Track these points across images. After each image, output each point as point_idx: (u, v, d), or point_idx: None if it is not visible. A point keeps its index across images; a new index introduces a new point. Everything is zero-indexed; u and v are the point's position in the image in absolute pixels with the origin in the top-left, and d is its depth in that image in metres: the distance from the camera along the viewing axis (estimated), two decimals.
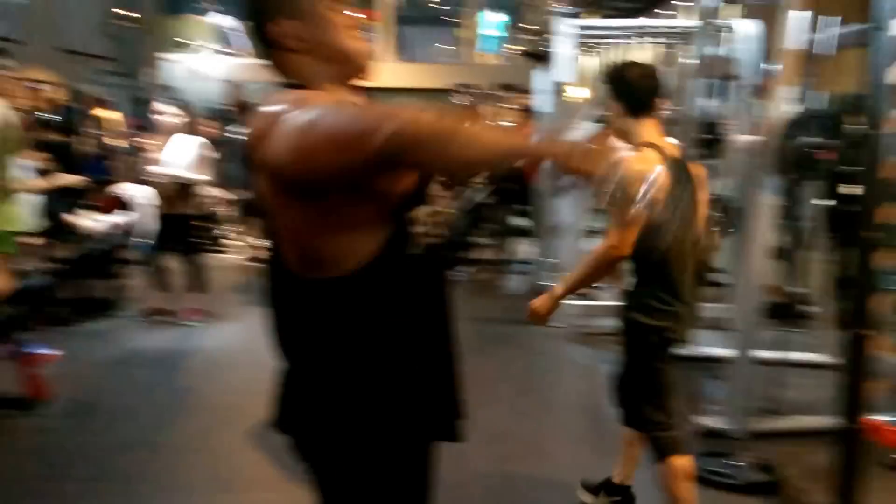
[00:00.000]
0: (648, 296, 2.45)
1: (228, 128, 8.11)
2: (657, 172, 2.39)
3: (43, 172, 5.22)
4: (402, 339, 1.38)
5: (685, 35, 5.41)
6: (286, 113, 1.24)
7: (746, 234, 3.50)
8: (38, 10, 9.60)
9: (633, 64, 2.59)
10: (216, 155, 5.89)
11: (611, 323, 2.74)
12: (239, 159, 5.95)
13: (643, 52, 5.48)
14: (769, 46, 3.47)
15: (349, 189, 1.27)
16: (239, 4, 1.44)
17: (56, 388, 3.93)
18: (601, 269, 2.44)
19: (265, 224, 1.40)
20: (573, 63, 5.52)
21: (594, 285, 5.66)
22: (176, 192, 5.27)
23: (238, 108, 8.31)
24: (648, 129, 2.45)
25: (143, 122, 8.92)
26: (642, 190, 2.35)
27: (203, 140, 5.55)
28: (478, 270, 7.43)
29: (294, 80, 1.38)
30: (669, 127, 4.89)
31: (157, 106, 5.49)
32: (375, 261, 1.31)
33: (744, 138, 3.91)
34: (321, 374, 1.38)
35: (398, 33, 17.83)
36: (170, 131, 5.34)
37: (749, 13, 4.72)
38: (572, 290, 2.49)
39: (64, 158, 6.35)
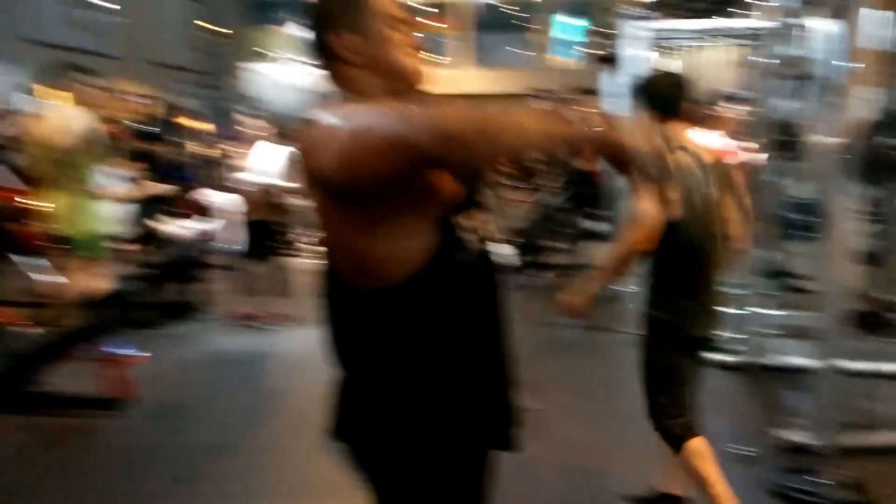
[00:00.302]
0: (663, 291, 2.55)
1: None
2: (684, 174, 2.40)
3: (133, 181, 5.45)
4: (455, 347, 1.37)
5: (760, 36, 5.23)
6: (332, 122, 1.26)
7: (830, 238, 3.35)
8: (132, 26, 10.07)
9: (659, 73, 2.77)
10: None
11: None
12: None
13: (717, 54, 5.33)
14: (848, 46, 3.33)
15: (397, 194, 1.27)
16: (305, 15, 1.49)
17: (140, 390, 4.04)
18: (623, 264, 2.51)
19: (319, 234, 1.42)
20: (646, 66, 5.39)
21: None
22: (262, 199, 5.42)
23: None
24: (679, 132, 2.53)
25: (227, 131, 9.21)
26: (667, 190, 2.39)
27: (289, 149, 5.68)
28: (551, 275, 7.35)
29: (349, 92, 1.41)
30: (747, 129, 4.76)
31: (241, 116, 5.65)
32: (426, 268, 1.31)
33: (824, 140, 3.75)
34: (375, 383, 1.40)
35: (476, 39, 17.89)
36: (253, 140, 5.50)
37: (827, 12, 4.53)
38: (599, 284, 2.56)
39: (154, 167, 6.62)
